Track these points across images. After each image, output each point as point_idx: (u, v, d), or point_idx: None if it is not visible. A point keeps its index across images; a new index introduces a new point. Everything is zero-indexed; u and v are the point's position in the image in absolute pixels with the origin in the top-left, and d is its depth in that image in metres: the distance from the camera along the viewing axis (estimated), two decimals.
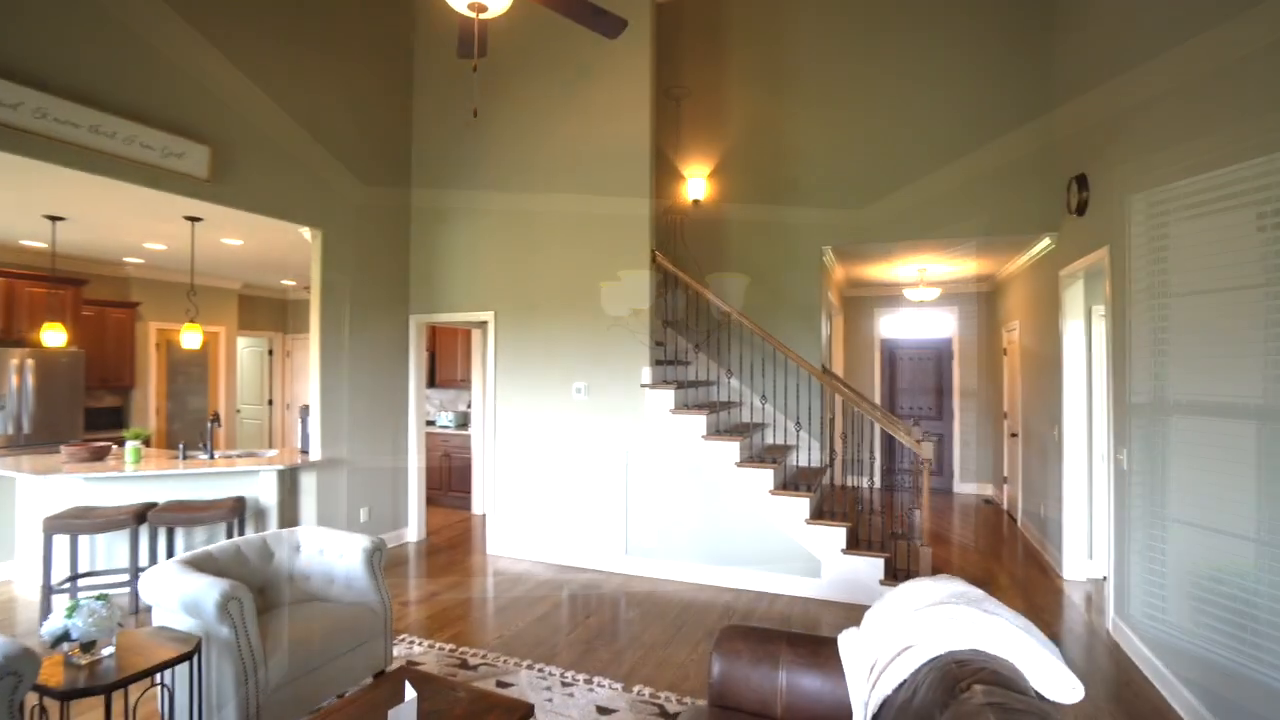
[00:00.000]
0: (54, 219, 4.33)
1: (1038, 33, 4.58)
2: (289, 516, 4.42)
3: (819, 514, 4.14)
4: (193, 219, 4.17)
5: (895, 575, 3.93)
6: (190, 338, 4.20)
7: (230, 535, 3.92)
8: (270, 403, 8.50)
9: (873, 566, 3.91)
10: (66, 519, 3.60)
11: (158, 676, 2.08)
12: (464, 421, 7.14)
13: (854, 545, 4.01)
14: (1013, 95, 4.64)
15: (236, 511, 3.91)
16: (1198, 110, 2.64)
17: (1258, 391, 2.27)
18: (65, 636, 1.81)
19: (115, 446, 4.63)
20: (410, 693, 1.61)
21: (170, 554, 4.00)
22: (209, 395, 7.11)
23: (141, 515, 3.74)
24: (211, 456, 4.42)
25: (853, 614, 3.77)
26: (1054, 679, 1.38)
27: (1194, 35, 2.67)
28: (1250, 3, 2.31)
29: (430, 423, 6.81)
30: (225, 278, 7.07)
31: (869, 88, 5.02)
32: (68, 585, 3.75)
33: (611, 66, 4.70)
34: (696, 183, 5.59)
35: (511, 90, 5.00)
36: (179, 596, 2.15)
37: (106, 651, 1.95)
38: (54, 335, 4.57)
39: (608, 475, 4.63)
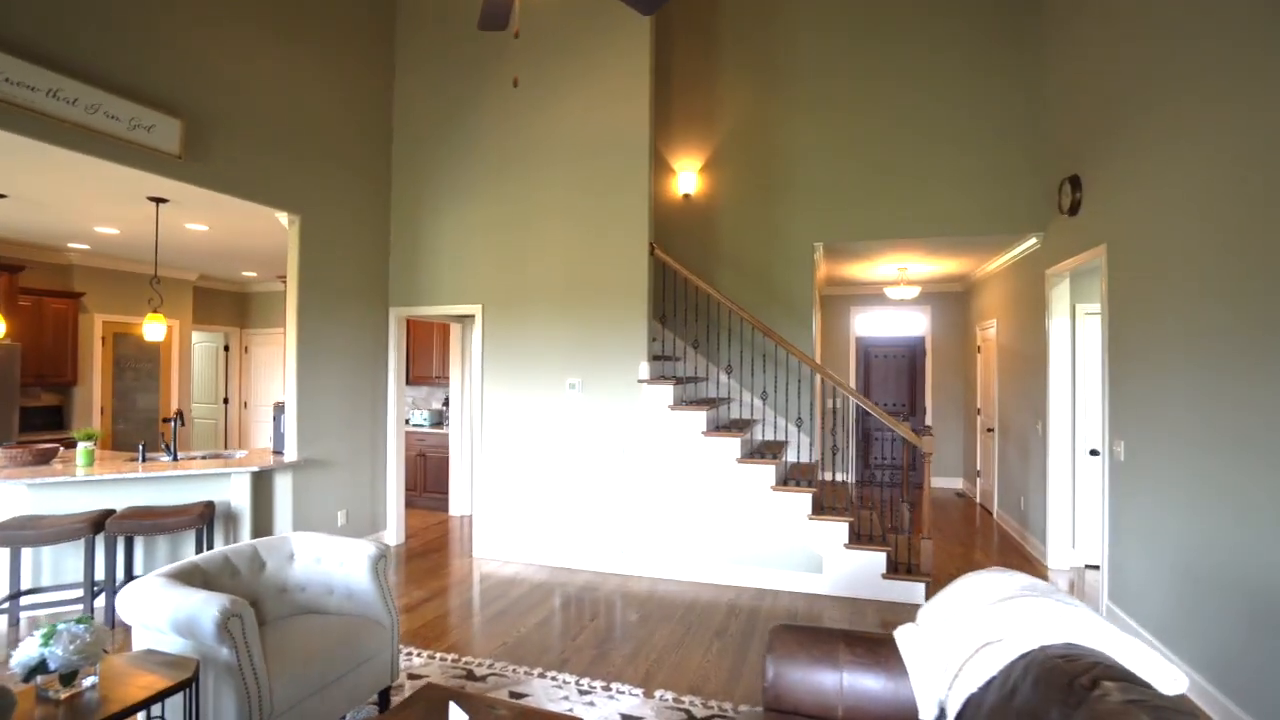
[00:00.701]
0: None
1: (1029, 38, 4.69)
2: (263, 522, 4.12)
3: (818, 509, 4.13)
4: (157, 200, 3.82)
5: (896, 569, 3.95)
6: (153, 329, 3.84)
7: (200, 544, 3.62)
8: (226, 401, 7.98)
9: (875, 561, 3.92)
10: (8, 529, 3.24)
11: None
12: (438, 420, 6.89)
13: (854, 540, 4.01)
14: (1003, 98, 4.74)
15: (206, 518, 3.60)
16: (1196, 110, 2.73)
17: (1257, 380, 2.34)
18: (41, 667, 1.58)
19: (61, 448, 4.22)
20: (460, 715, 1.46)
21: (129, 566, 3.67)
22: (160, 394, 6.60)
23: (99, 523, 3.40)
24: (174, 458, 4.08)
25: (858, 609, 3.77)
26: (1154, 671, 1.34)
27: (1190, 39, 2.76)
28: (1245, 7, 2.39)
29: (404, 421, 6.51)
30: (180, 267, 6.57)
31: (862, 86, 5.05)
32: (7, 605, 3.39)
33: (609, 53, 4.56)
34: (687, 177, 5.52)
35: (502, 75, 4.81)
36: (169, 615, 1.92)
37: (88, 682, 1.72)
38: None
39: (603, 473, 4.51)
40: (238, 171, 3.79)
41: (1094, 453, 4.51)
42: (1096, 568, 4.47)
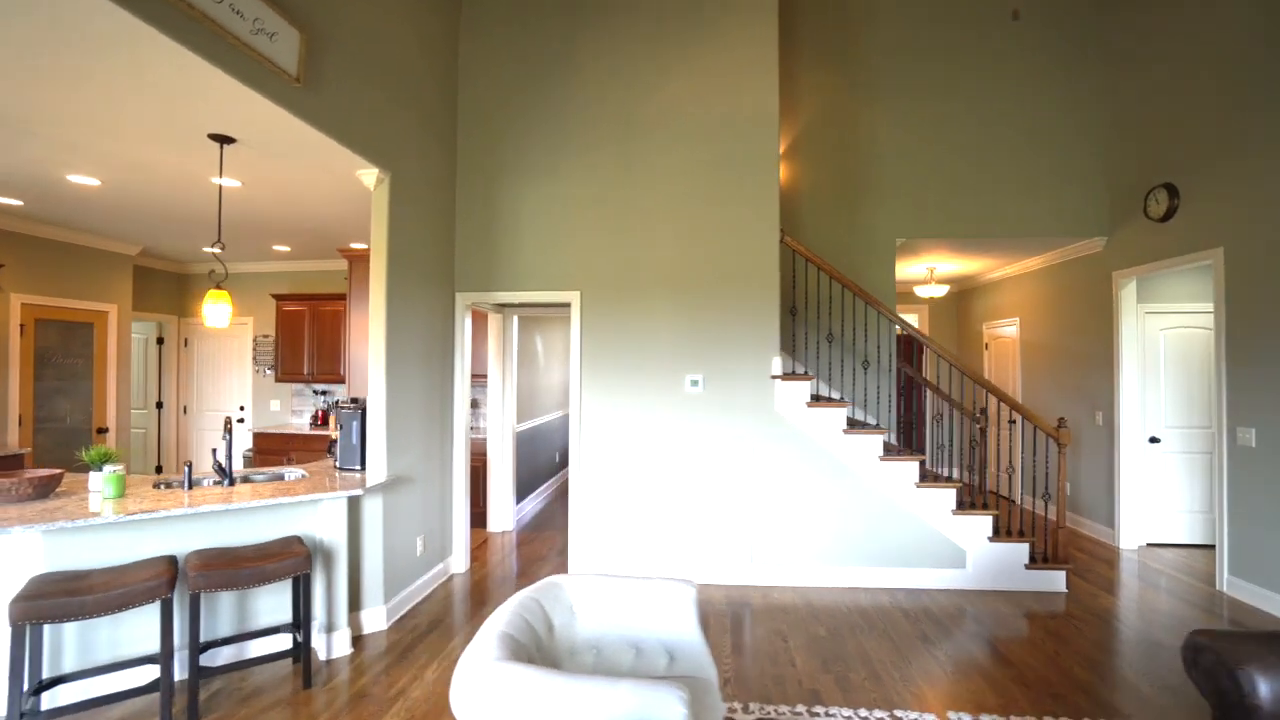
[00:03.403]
0: None
1: (1107, 48, 4.99)
2: (354, 559, 3.28)
3: (960, 504, 4.10)
4: (222, 139, 2.84)
5: (1035, 559, 4.02)
6: (216, 312, 2.85)
7: (298, 594, 2.76)
8: (160, 406, 6.43)
9: (1018, 552, 3.97)
10: (49, 598, 2.24)
11: None
12: None
13: (997, 533, 4.03)
14: (1077, 105, 5.02)
15: (309, 559, 2.77)
16: None
17: None
18: None
19: (64, 474, 3.05)
20: None
21: (196, 632, 2.72)
22: (94, 397, 5.12)
23: (172, 578, 2.47)
24: (230, 482, 3.11)
25: (1014, 600, 3.78)
26: None
27: None
28: None
29: None
30: (120, 238, 5.10)
31: (939, 96, 5.11)
32: (30, 701, 2.36)
33: (731, 20, 4.19)
34: None
35: (606, 37, 4.24)
36: None
37: None
38: None
39: (728, 477, 4.15)
40: (344, 110, 2.94)
41: (1154, 440, 4.94)
42: (1162, 546, 4.92)
